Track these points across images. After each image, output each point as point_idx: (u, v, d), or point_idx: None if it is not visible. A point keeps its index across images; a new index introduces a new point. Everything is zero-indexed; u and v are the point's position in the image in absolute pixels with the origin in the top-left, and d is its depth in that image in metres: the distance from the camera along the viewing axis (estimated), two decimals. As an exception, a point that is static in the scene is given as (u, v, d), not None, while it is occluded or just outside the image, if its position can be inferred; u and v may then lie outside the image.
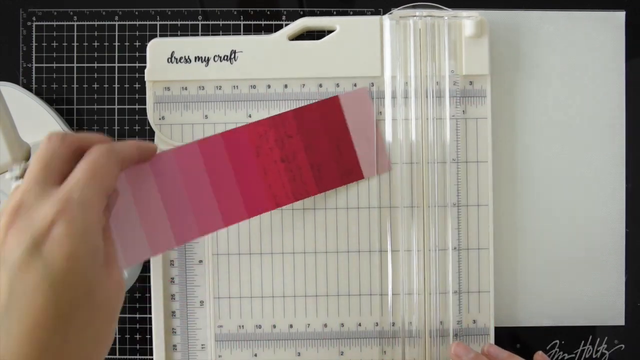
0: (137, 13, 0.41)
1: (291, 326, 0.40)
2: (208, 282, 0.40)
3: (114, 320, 0.28)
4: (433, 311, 0.39)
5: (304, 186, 0.39)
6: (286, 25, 0.41)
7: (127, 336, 0.41)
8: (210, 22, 0.41)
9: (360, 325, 0.40)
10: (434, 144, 0.39)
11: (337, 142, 0.39)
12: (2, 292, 0.25)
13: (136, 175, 0.35)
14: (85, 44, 0.41)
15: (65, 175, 0.28)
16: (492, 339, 0.40)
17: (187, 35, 0.41)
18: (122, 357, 0.41)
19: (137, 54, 0.41)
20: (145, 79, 0.40)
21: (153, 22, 0.41)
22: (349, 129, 0.39)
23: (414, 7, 0.40)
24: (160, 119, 0.40)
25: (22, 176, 0.33)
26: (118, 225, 0.34)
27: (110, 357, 0.41)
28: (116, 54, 0.41)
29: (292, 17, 0.41)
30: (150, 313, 0.41)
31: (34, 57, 0.41)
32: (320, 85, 0.40)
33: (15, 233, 0.25)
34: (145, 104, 0.41)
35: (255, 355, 0.40)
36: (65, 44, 0.41)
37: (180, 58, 0.40)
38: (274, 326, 0.40)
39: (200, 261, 0.40)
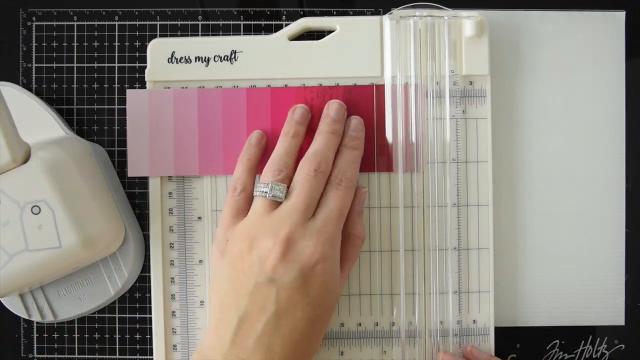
0: (137, 13, 0.41)
1: (291, 326, 0.40)
2: (208, 282, 0.40)
3: (331, 318, 0.37)
4: (433, 311, 0.40)
5: None
6: (286, 25, 0.41)
7: (127, 336, 0.41)
8: (210, 22, 0.41)
9: (360, 325, 0.40)
10: (434, 144, 0.39)
11: (383, 131, 0.39)
12: (272, 302, 0.33)
13: (183, 98, 0.39)
14: (85, 44, 0.41)
15: None
16: (492, 339, 0.40)
17: (187, 35, 0.41)
18: (122, 357, 0.41)
19: (137, 54, 0.41)
20: (146, 79, 0.40)
21: (153, 22, 0.41)
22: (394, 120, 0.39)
23: (414, 7, 0.40)
24: (160, 118, 0.40)
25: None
26: (154, 136, 0.39)
27: (110, 357, 0.41)
28: (116, 54, 0.41)
29: (292, 17, 0.41)
30: (150, 313, 0.41)
31: (34, 57, 0.41)
32: (320, 85, 0.40)
33: (287, 262, 0.34)
34: (145, 104, 0.41)
35: (255, 355, 0.40)
36: (65, 44, 0.41)
37: (181, 58, 0.40)
38: (274, 326, 0.40)
39: (201, 261, 0.40)
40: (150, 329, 0.41)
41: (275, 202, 0.35)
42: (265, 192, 0.35)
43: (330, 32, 0.40)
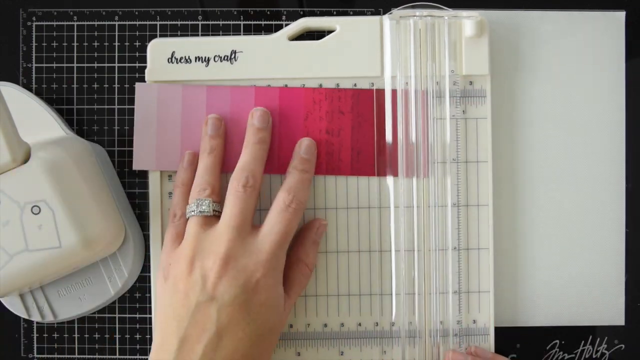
0: (137, 13, 0.41)
1: (291, 326, 0.40)
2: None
3: (277, 340, 0.37)
4: (433, 311, 0.40)
5: (339, 163, 0.39)
6: (286, 25, 0.41)
7: (127, 336, 0.41)
8: (210, 22, 0.41)
9: (360, 325, 0.40)
10: (434, 144, 0.39)
11: (384, 133, 0.39)
12: (213, 322, 0.33)
13: (191, 94, 0.39)
14: (85, 44, 0.41)
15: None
16: (492, 339, 0.40)
17: (187, 35, 0.41)
18: (122, 357, 0.41)
19: (137, 54, 0.41)
20: (146, 79, 0.40)
21: (153, 22, 0.41)
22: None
23: (413, 7, 0.40)
24: (160, 119, 0.40)
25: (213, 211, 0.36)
26: (160, 131, 0.39)
27: (110, 357, 0.41)
28: (116, 54, 0.41)
29: (292, 17, 0.41)
30: (150, 313, 0.41)
31: (34, 57, 0.41)
32: (320, 86, 0.40)
33: (227, 280, 0.33)
34: (145, 104, 0.41)
35: (255, 355, 0.40)
36: (65, 44, 0.41)
37: (181, 58, 0.40)
38: (274, 326, 0.40)
39: (200, 261, 0.40)
40: (150, 329, 0.41)
41: (207, 219, 0.35)
42: (193, 210, 0.36)
43: (330, 32, 0.40)
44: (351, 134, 0.39)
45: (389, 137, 0.39)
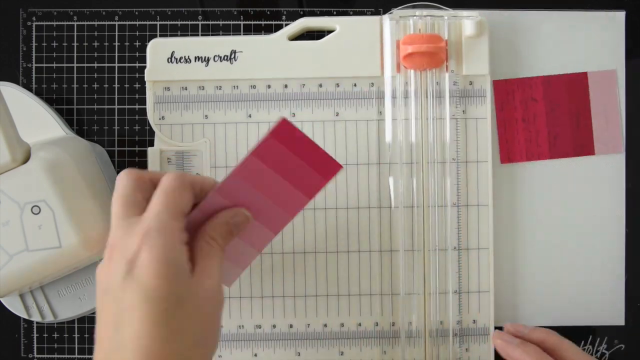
0: (137, 13, 0.41)
1: (291, 326, 0.40)
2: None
3: (211, 324, 0.31)
4: (433, 311, 0.39)
5: (537, 148, 0.40)
6: (286, 25, 0.41)
7: (127, 336, 0.41)
8: (210, 22, 0.41)
9: (360, 325, 0.40)
10: (434, 144, 0.39)
11: (577, 115, 0.40)
12: (111, 315, 0.29)
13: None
14: (85, 44, 0.41)
15: (146, 205, 0.32)
16: (492, 339, 0.40)
17: (187, 35, 0.41)
18: (122, 357, 0.41)
19: (137, 54, 0.41)
20: (145, 79, 0.40)
21: (153, 22, 0.41)
22: (591, 106, 0.40)
23: (414, 7, 0.40)
24: (160, 119, 0.40)
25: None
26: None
27: (110, 357, 0.41)
28: (116, 54, 0.41)
29: (292, 17, 0.41)
30: (150, 313, 0.41)
31: (34, 57, 0.41)
32: (320, 86, 0.40)
33: (113, 265, 0.30)
34: (145, 104, 0.41)
35: (255, 355, 0.40)
36: (65, 44, 0.41)
37: (180, 58, 0.40)
38: (274, 326, 0.40)
39: (200, 261, 0.40)
40: (150, 329, 0.41)
41: None
42: None
43: (330, 32, 0.40)
44: (546, 120, 0.40)
45: (389, 136, 0.39)
